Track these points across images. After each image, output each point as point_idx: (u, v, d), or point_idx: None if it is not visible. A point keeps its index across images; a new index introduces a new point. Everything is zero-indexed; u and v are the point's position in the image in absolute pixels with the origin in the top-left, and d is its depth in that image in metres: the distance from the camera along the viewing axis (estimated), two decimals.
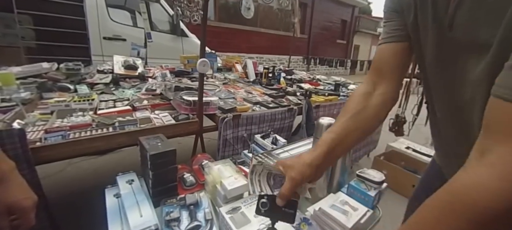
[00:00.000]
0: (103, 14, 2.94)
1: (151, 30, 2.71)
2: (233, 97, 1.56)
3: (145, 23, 2.52)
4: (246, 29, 7.84)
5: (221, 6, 7.29)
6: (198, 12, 1.36)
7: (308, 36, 10.15)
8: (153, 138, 0.82)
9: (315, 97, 1.68)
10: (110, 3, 3.06)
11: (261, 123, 1.33)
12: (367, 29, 14.22)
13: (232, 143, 1.28)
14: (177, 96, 1.20)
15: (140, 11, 2.47)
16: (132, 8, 3.35)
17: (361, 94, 0.55)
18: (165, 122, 1.08)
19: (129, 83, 1.74)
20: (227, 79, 2.23)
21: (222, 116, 1.16)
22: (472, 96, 0.41)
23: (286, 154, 0.86)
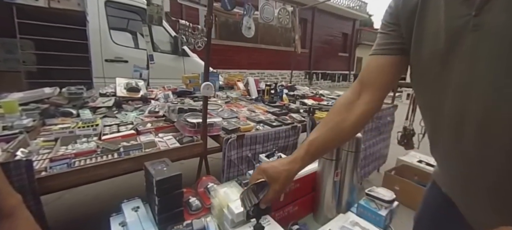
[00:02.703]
0: (105, 37, 3.09)
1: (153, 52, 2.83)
2: (236, 116, 1.60)
3: (148, 45, 2.65)
4: (247, 46, 8.09)
5: (221, 24, 7.61)
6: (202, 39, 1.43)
7: (309, 50, 10.40)
8: (158, 162, 0.84)
9: (318, 114, 1.72)
10: (113, 26, 3.23)
11: (265, 142, 1.36)
12: (369, 41, 14.54)
13: (236, 163, 1.30)
14: (181, 118, 1.24)
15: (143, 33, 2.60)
16: (134, 30, 3.53)
17: (344, 104, 0.60)
18: (170, 145, 1.11)
19: (132, 105, 1.80)
20: (229, 97, 2.29)
21: (226, 137, 1.20)
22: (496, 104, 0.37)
23: None
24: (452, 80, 0.43)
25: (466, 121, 0.42)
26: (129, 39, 3.52)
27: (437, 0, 0.43)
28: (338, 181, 0.84)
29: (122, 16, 3.49)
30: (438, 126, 0.50)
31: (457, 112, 0.43)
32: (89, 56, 2.61)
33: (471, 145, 0.43)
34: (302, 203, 0.84)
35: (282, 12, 2.96)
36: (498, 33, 0.36)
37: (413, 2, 0.48)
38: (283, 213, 0.79)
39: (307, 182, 0.86)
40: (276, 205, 0.76)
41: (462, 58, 0.41)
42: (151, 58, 2.56)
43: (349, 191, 0.88)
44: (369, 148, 2.17)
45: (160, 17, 2.10)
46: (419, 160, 2.35)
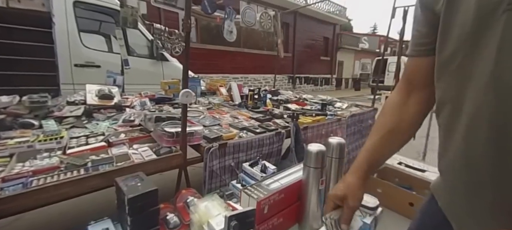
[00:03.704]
0: (74, 39, 2.90)
1: (128, 56, 2.70)
2: (218, 123, 1.56)
3: (122, 49, 2.52)
4: (230, 50, 8.08)
5: (203, 27, 7.53)
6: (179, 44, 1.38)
7: (292, 54, 10.61)
8: (132, 177, 0.79)
9: (302, 119, 1.73)
10: (83, 28, 3.05)
11: (249, 149, 1.33)
12: (350, 45, 15.19)
13: (219, 173, 1.25)
14: (158, 127, 1.18)
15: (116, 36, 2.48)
16: (108, 33, 3.36)
17: (395, 106, 0.59)
18: (145, 158, 1.04)
19: (104, 114, 1.69)
20: (212, 104, 2.24)
21: (207, 146, 1.15)
22: None
23: (276, 183, 0.86)
24: (477, 69, 0.39)
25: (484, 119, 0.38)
26: (102, 42, 3.34)
27: None
28: (323, 188, 0.84)
29: (94, 18, 3.31)
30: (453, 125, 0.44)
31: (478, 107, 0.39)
32: (55, 60, 2.43)
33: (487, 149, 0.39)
34: (287, 214, 0.82)
35: (264, 17, 2.98)
36: None
37: None
38: (268, 226, 0.76)
39: (292, 191, 0.85)
40: (261, 218, 0.74)
41: (491, 44, 0.37)
42: (126, 63, 2.44)
43: None
44: (352, 151, 2.23)
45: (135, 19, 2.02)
46: (399, 162, 2.45)
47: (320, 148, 0.80)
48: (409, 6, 2.94)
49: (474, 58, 0.39)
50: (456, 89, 0.43)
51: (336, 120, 1.93)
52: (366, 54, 16.79)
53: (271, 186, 0.84)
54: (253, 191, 0.79)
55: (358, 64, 16.52)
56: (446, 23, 0.44)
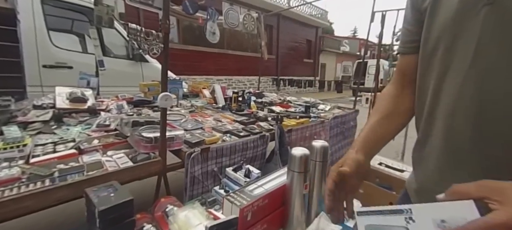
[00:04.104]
0: (43, 39, 2.70)
1: (104, 57, 2.57)
2: (201, 127, 1.52)
3: (97, 50, 2.39)
4: (213, 51, 7.99)
5: (185, 28, 7.38)
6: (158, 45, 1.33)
7: (276, 56, 10.73)
8: (105, 187, 0.73)
9: (286, 121, 1.73)
10: (53, 27, 2.85)
11: (233, 153, 1.31)
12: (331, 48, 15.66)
13: (201, 179, 1.21)
14: (135, 132, 1.12)
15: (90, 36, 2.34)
16: (82, 32, 3.17)
17: (391, 96, 0.62)
18: (121, 165, 0.98)
19: (76, 119, 1.58)
20: (194, 106, 2.18)
21: (188, 151, 1.11)
22: None
23: (260, 189, 0.84)
24: (456, 59, 0.42)
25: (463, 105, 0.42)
26: (74, 42, 3.15)
27: None
28: (307, 193, 0.83)
29: (65, 16, 3.12)
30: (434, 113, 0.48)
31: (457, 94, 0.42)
32: (21, 61, 2.24)
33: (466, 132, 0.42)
34: (271, 220, 0.81)
35: (247, 18, 2.98)
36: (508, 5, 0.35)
37: None
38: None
39: (276, 196, 0.83)
40: (243, 225, 0.71)
41: (471, 36, 0.40)
42: (101, 64, 2.31)
43: (318, 202, 0.88)
44: (335, 152, 2.27)
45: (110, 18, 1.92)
46: (379, 163, 2.54)
47: (304, 152, 0.79)
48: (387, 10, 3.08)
49: (455, 49, 0.42)
50: (437, 78, 0.46)
51: (320, 122, 1.96)
52: (347, 57, 17.40)
53: (255, 192, 0.83)
54: (235, 198, 0.77)
55: (340, 66, 17.07)
56: (431, 19, 0.47)
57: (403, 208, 0.38)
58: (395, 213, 0.38)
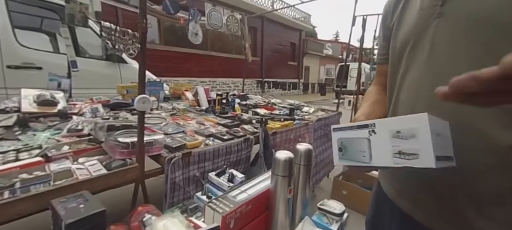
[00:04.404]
0: (7, 37, 2.49)
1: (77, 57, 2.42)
2: (183, 131, 1.47)
3: (69, 49, 2.24)
4: (197, 53, 7.86)
5: (166, 28, 7.20)
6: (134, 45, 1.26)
7: (260, 58, 10.78)
8: (74, 198, 0.68)
9: (271, 124, 1.73)
10: (19, 25, 2.64)
11: (216, 158, 1.27)
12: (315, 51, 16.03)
13: (182, 185, 1.17)
14: (111, 137, 1.05)
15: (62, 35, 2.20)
16: (53, 31, 2.97)
17: (375, 91, 0.73)
18: (93, 173, 0.91)
19: (45, 123, 1.47)
20: (176, 109, 2.11)
21: (169, 156, 1.06)
22: None
23: (244, 194, 0.82)
24: (414, 62, 0.52)
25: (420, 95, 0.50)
26: (44, 41, 2.94)
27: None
28: (292, 197, 0.83)
29: (33, 13, 2.91)
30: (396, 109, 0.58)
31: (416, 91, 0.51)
32: None
33: None
34: (255, 226, 0.79)
35: (231, 19, 2.96)
36: (455, 17, 0.45)
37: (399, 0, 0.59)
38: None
39: (260, 201, 0.82)
40: None
41: (426, 42, 0.49)
42: (74, 65, 2.18)
43: (302, 206, 0.88)
44: (319, 155, 2.30)
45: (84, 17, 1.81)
46: None
47: (289, 155, 0.78)
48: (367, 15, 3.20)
49: (415, 51, 0.52)
50: (402, 75, 0.56)
51: (304, 125, 1.97)
52: (330, 60, 17.91)
53: (238, 197, 0.80)
54: (218, 205, 0.74)
55: (323, 69, 17.52)
56: (396, 31, 0.59)
57: (369, 123, 0.44)
58: (362, 128, 0.44)
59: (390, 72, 0.62)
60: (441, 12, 0.47)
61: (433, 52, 0.48)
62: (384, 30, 0.67)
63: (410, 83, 0.53)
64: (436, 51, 0.47)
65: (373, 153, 0.43)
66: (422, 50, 0.50)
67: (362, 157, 0.44)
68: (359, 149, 0.45)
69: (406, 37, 0.54)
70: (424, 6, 0.51)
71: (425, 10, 0.50)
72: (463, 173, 0.43)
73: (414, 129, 0.37)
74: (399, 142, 0.39)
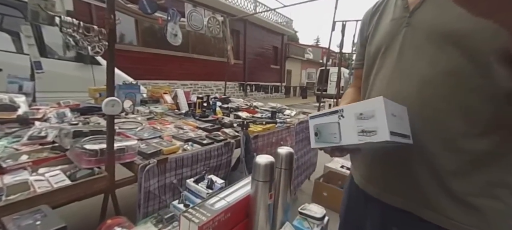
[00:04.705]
0: None
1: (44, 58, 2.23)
2: (160, 136, 1.40)
3: (32, 49, 2.06)
4: (178, 55, 7.67)
5: (145, 29, 6.96)
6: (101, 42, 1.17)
7: (243, 61, 10.77)
8: (30, 213, 0.60)
9: (253, 127, 1.70)
10: None
11: (194, 163, 1.22)
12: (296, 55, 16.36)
13: (158, 194, 1.10)
14: (77, 144, 0.96)
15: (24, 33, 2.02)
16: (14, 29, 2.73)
17: (352, 92, 0.79)
18: (54, 185, 0.83)
19: (2, 130, 1.32)
20: (153, 113, 2.02)
21: (142, 164, 1.00)
22: None
23: (222, 202, 0.78)
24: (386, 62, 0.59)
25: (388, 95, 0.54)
26: (5, 40, 2.69)
27: (390, 7, 0.62)
28: (272, 202, 0.80)
29: None
30: None
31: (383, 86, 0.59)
32: None
33: None
34: None
35: (212, 21, 2.91)
36: (419, 27, 0.53)
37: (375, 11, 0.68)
38: None
39: (240, 208, 0.78)
40: None
41: (395, 48, 0.57)
42: (38, 66, 2.00)
43: (283, 211, 0.86)
44: (300, 157, 2.32)
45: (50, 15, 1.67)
46: (341, 165, 2.67)
47: (269, 160, 0.76)
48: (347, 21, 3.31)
49: (386, 55, 0.59)
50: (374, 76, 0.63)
51: (286, 128, 1.97)
52: (311, 64, 18.36)
53: (216, 205, 0.76)
54: (194, 214, 0.70)
55: (305, 73, 17.91)
56: (372, 39, 0.66)
57: (338, 108, 0.51)
58: (333, 113, 0.51)
59: (365, 74, 0.69)
60: (408, 22, 0.55)
61: (401, 55, 0.56)
62: (361, 39, 0.74)
63: (381, 80, 0.60)
64: (403, 54, 0.55)
65: (342, 134, 0.50)
66: (392, 53, 0.58)
67: (334, 138, 0.51)
68: (331, 132, 0.52)
69: (379, 43, 0.62)
70: (395, 17, 0.59)
71: (396, 20, 0.58)
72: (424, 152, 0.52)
73: (373, 110, 0.44)
74: (362, 123, 0.46)
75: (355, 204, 0.74)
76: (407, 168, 0.54)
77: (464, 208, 0.49)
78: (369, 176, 0.66)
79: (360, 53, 0.76)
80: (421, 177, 0.53)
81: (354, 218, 0.75)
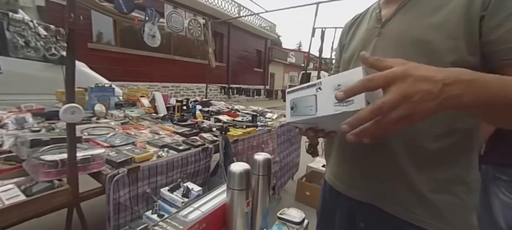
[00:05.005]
0: None
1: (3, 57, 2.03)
2: (133, 142, 1.31)
3: None
4: (158, 56, 7.43)
5: (124, 29, 6.67)
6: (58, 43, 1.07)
7: (227, 64, 10.69)
8: None
9: (233, 131, 1.66)
10: None
11: (170, 171, 1.16)
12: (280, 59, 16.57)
13: (129, 205, 1.03)
14: (34, 155, 0.86)
15: None
16: None
17: None
18: (6, 201, 0.73)
19: None
20: (129, 117, 1.91)
21: (110, 174, 0.92)
22: None
23: (197, 212, 0.74)
24: None
25: None
26: None
27: (366, 19, 0.68)
28: (250, 210, 0.77)
29: None
30: None
31: None
32: None
33: None
34: None
35: (193, 23, 2.84)
36: (389, 36, 0.58)
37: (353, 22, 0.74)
38: None
39: (216, 217, 0.74)
40: None
41: None
42: None
43: (262, 217, 0.83)
44: (284, 158, 2.31)
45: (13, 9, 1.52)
46: (323, 165, 2.71)
47: (244, 167, 0.73)
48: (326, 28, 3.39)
49: (355, 65, 0.59)
50: None
51: (267, 131, 1.96)
52: (294, 68, 18.67)
53: (190, 216, 0.72)
54: (165, 227, 0.65)
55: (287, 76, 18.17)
56: (347, 47, 0.71)
57: (316, 82, 0.48)
58: (311, 87, 0.49)
59: None
60: (380, 32, 0.60)
61: None
62: (340, 47, 0.80)
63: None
64: None
65: (318, 106, 0.48)
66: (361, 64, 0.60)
67: (309, 110, 0.50)
68: (307, 105, 0.51)
69: (353, 50, 0.67)
70: (369, 27, 0.65)
71: (369, 30, 0.64)
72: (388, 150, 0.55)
73: (351, 80, 0.41)
74: None
75: (328, 202, 0.76)
76: (373, 164, 0.58)
77: (424, 203, 0.52)
78: (338, 173, 0.69)
79: (337, 60, 0.81)
80: (385, 173, 0.56)
81: (327, 215, 0.78)
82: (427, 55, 0.50)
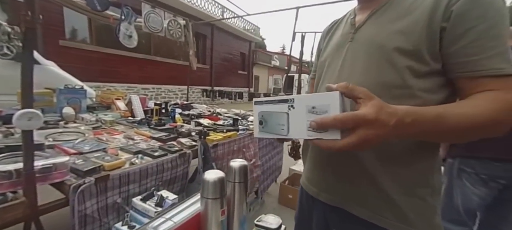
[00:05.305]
0: None
1: None
2: (104, 148, 1.23)
3: None
4: (138, 57, 7.15)
5: (100, 26, 6.33)
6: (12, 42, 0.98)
7: (210, 66, 10.54)
8: None
9: (212, 136, 1.62)
10: None
11: (143, 178, 1.10)
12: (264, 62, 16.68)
13: (98, 216, 0.95)
14: None
15: None
16: None
17: None
18: None
19: None
20: (101, 121, 1.80)
21: (75, 184, 0.85)
22: None
23: (168, 223, 0.70)
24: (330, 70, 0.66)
25: None
26: None
27: (342, 24, 0.70)
28: (225, 218, 0.75)
29: None
30: None
31: None
32: None
33: None
34: None
35: (173, 24, 2.76)
36: (360, 41, 0.60)
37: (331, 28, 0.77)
38: None
39: (190, 227, 0.71)
40: None
41: (338, 60, 0.63)
42: None
43: (239, 224, 0.81)
44: (266, 162, 2.30)
45: None
46: None
47: (218, 175, 0.70)
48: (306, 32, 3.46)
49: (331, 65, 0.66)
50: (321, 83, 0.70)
51: (248, 134, 1.94)
52: (278, 70, 18.88)
53: (161, 228, 0.68)
54: None
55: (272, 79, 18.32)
56: (324, 52, 0.73)
57: (288, 98, 0.46)
58: (282, 102, 0.46)
59: (315, 83, 0.76)
60: (353, 37, 0.62)
61: (342, 67, 0.62)
62: (318, 52, 0.83)
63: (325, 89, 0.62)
64: (344, 65, 0.62)
65: (290, 126, 0.46)
66: (336, 64, 0.64)
67: (281, 130, 0.47)
68: (279, 123, 0.48)
69: (328, 54, 0.69)
70: (344, 32, 0.67)
71: (344, 35, 0.66)
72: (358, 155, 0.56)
73: (327, 105, 0.41)
74: (313, 117, 0.42)
75: (305, 206, 0.77)
76: (344, 169, 0.59)
77: (391, 205, 0.54)
78: (311, 177, 0.71)
79: (315, 64, 0.84)
80: (355, 177, 0.58)
81: (304, 219, 0.78)
82: (391, 60, 0.52)
